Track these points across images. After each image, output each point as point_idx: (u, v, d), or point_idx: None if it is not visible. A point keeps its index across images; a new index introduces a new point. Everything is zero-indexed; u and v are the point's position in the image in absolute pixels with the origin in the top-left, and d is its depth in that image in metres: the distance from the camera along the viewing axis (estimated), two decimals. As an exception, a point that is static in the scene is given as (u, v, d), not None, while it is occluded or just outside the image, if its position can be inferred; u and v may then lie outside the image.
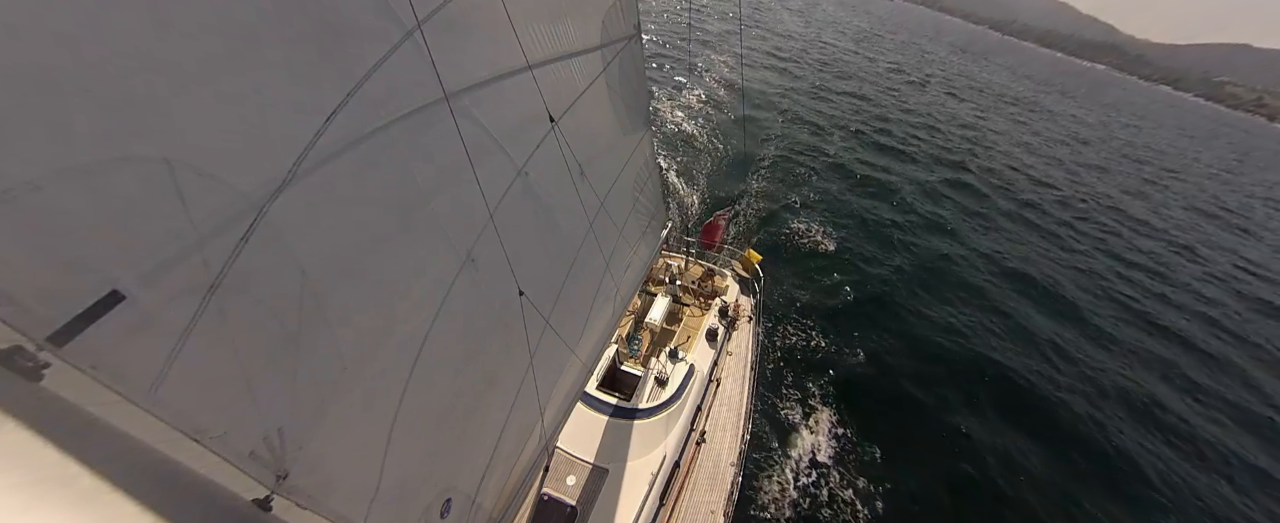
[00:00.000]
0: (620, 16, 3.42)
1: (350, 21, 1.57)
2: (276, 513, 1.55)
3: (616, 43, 3.45)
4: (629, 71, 3.75)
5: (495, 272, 2.48)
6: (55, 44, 0.94)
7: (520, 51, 2.39)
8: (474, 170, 2.18)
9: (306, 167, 1.47)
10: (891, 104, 36.10)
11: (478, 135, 2.23)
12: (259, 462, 1.48)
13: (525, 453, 3.31)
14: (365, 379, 1.89)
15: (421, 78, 1.88)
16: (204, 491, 1.36)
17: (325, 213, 1.61)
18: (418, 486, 2.31)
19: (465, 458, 2.67)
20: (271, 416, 1.49)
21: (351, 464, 1.91)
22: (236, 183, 1.29)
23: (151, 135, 1.11)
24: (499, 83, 2.33)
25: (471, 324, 2.41)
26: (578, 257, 3.39)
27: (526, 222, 2.72)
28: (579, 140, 3.09)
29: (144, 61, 1.07)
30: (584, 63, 3.06)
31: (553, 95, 2.72)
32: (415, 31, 1.79)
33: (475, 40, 2.16)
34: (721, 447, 6.28)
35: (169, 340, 1.18)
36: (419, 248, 2.01)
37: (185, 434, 1.24)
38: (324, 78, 1.51)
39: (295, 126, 1.45)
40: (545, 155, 2.74)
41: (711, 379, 6.98)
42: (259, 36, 1.31)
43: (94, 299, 1.04)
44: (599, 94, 3.35)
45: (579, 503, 4.90)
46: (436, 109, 1.98)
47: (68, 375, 1.02)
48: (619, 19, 3.41)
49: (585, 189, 3.32)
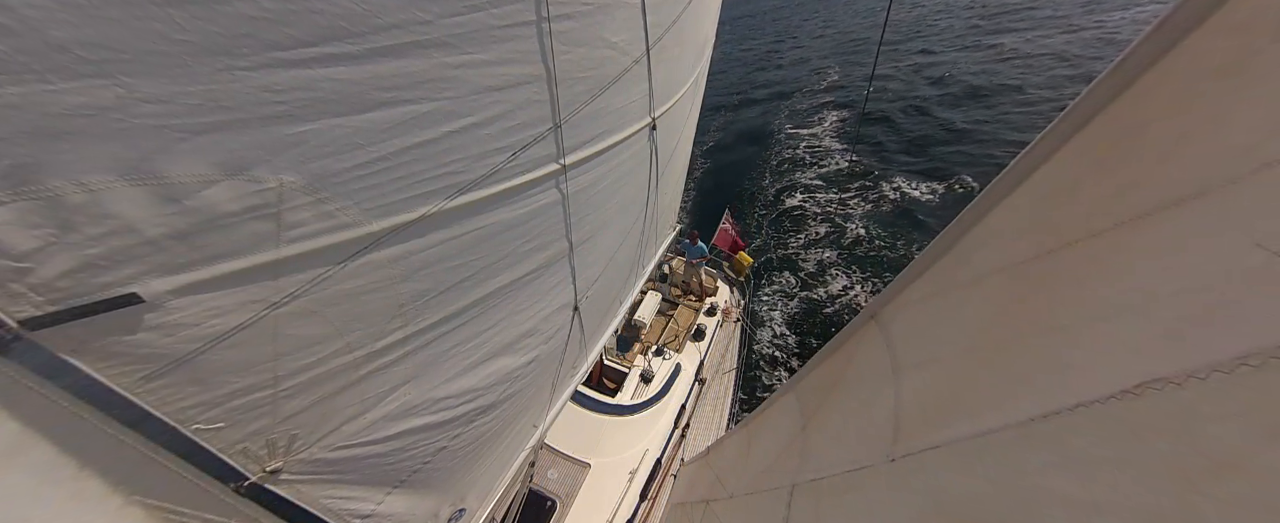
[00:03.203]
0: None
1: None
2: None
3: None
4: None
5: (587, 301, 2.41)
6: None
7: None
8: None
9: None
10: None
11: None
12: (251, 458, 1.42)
13: (522, 454, 3.31)
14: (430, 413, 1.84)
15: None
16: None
17: (441, 254, 1.52)
18: (434, 505, 2.29)
19: (481, 476, 2.65)
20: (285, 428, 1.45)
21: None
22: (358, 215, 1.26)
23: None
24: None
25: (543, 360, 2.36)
26: (631, 271, 3.36)
27: (604, 238, 2.65)
28: (664, 145, 2.99)
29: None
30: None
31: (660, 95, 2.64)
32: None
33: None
34: (704, 445, 6.36)
35: (190, 345, 1.13)
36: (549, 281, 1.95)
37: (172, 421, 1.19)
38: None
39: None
40: (630, 163, 2.61)
41: (697, 378, 7.04)
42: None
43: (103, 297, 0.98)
44: (687, 95, 3.31)
45: (559, 496, 4.93)
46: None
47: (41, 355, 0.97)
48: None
49: (652, 200, 3.23)
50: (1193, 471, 0.55)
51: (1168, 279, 0.63)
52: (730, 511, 2.41)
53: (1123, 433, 0.62)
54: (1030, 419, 0.76)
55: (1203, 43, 0.66)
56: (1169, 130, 0.68)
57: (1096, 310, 0.72)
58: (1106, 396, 0.64)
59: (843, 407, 1.57)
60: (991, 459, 0.84)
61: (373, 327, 1.49)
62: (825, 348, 1.81)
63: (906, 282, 1.33)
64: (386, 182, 1.28)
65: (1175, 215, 0.64)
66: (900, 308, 1.36)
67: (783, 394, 2.16)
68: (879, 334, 1.39)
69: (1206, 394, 0.54)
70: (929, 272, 1.24)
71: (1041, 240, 0.87)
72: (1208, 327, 0.56)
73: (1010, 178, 1.00)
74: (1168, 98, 0.70)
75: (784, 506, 1.67)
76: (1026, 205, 0.96)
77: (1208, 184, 0.60)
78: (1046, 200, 0.91)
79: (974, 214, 1.10)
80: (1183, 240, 0.62)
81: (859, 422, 1.38)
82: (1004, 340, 0.90)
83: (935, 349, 1.15)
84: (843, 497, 1.36)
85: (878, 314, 1.45)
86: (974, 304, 1.04)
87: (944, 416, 0.99)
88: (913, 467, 1.06)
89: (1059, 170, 0.88)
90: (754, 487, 2.14)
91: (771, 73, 27.82)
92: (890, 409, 1.18)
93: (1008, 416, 0.81)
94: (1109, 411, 0.64)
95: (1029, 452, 0.77)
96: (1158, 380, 0.58)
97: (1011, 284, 0.92)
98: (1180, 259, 0.62)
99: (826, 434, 1.63)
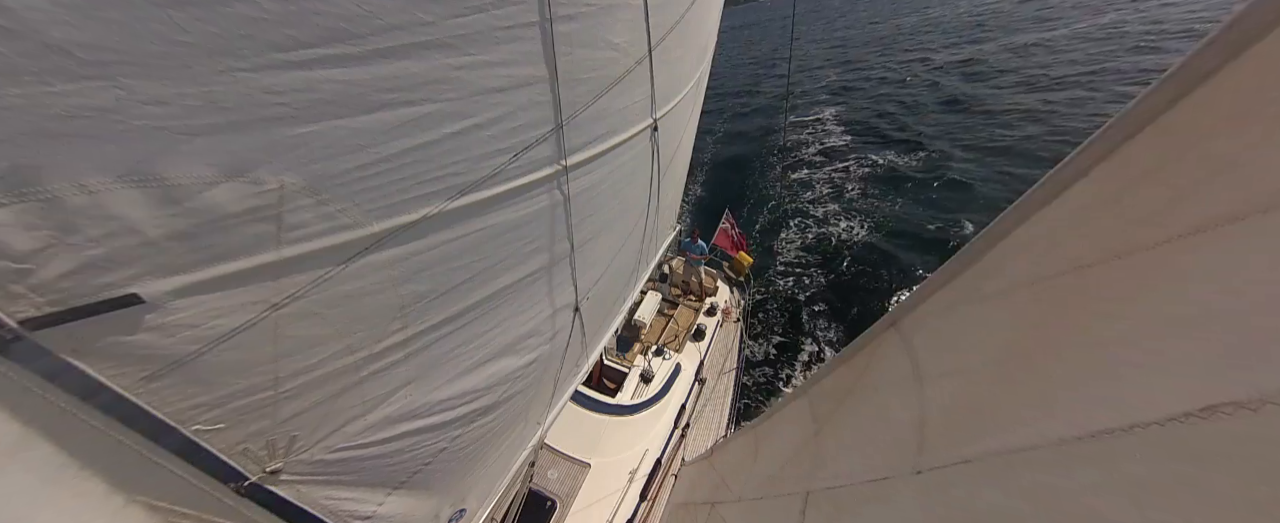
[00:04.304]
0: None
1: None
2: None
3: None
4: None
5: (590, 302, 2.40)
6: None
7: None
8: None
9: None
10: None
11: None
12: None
13: (522, 455, 3.31)
14: (429, 413, 1.82)
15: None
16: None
17: (442, 255, 1.51)
18: (435, 506, 2.28)
19: (481, 477, 2.64)
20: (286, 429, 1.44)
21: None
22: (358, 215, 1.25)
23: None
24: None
25: (543, 363, 2.33)
26: (632, 272, 3.34)
27: (607, 238, 2.62)
28: (666, 147, 2.97)
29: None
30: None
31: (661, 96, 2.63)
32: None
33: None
34: (705, 445, 6.35)
35: (190, 346, 1.13)
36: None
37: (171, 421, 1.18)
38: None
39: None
40: (632, 164, 2.58)
41: (697, 378, 7.04)
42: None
43: (103, 297, 0.98)
44: (689, 96, 3.29)
45: (559, 496, 4.93)
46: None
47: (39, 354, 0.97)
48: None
49: (653, 201, 3.21)
50: (1264, 500, 0.53)
51: (1231, 298, 0.61)
52: (738, 514, 2.39)
53: (1185, 457, 0.60)
54: (1075, 437, 0.73)
55: (1273, 49, 0.62)
56: (1230, 142, 0.66)
57: (1148, 327, 0.69)
58: (1166, 417, 0.62)
59: (859, 414, 1.55)
60: (1030, 477, 0.81)
61: (374, 328, 1.48)
62: (840, 354, 1.78)
63: (930, 290, 1.30)
64: (388, 183, 1.28)
65: (1237, 231, 0.61)
66: (924, 317, 1.33)
67: (794, 398, 2.14)
68: (900, 342, 1.36)
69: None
70: (955, 281, 1.20)
71: (1080, 253, 0.84)
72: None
73: (1047, 189, 0.96)
74: (1230, 107, 0.67)
75: (798, 512, 1.65)
76: (1064, 217, 0.93)
77: (1275, 199, 0.57)
78: (1087, 212, 0.88)
79: (1006, 225, 1.07)
80: (1247, 257, 0.59)
81: (878, 430, 1.36)
82: (1039, 354, 0.87)
83: (963, 359, 1.12)
84: (864, 507, 1.33)
85: (899, 322, 1.42)
86: (1005, 315, 1.01)
87: (974, 428, 0.96)
88: (943, 480, 1.03)
89: (1102, 181, 0.85)
90: (763, 491, 2.12)
91: (772, 82, 28.01)
92: (914, 419, 1.16)
93: (1045, 432, 0.78)
94: (1170, 433, 0.61)
95: (1073, 471, 0.74)
96: (1229, 404, 0.56)
97: (1047, 297, 0.89)
98: (1245, 276, 0.59)
99: (842, 441, 1.61)
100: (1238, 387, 0.56)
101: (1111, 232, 0.81)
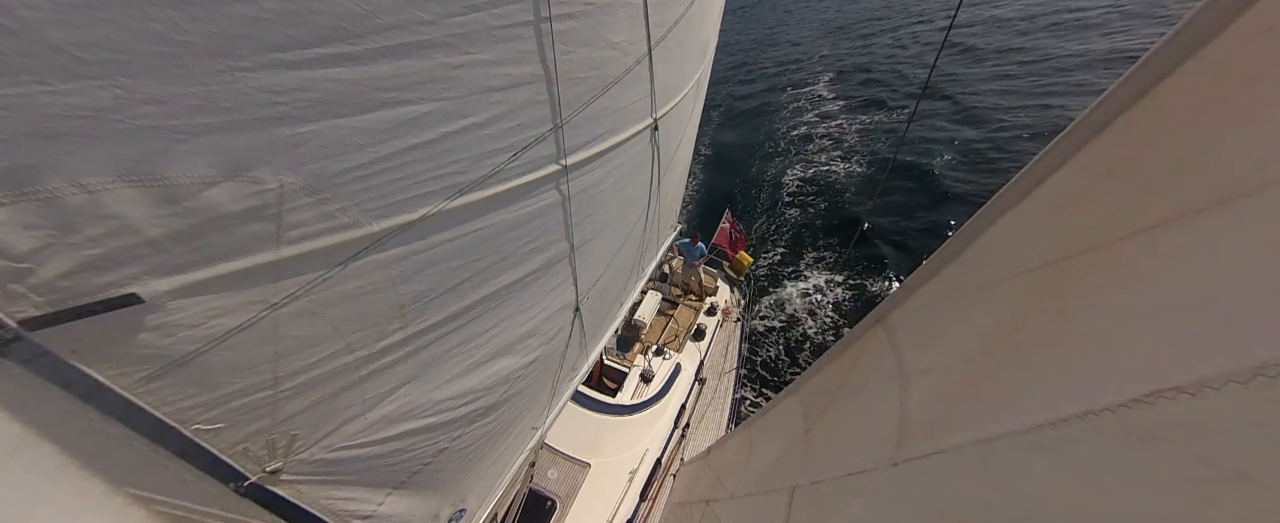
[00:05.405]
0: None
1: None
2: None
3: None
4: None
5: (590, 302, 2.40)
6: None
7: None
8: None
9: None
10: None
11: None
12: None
13: (522, 455, 3.31)
14: (428, 413, 1.83)
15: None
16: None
17: (442, 254, 1.51)
18: (435, 506, 2.29)
19: (481, 477, 2.64)
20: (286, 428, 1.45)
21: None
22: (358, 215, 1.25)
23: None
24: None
25: (543, 361, 2.33)
26: (632, 271, 3.34)
27: (607, 238, 2.62)
28: (666, 146, 2.96)
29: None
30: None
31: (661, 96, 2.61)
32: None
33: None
34: (704, 445, 6.35)
35: (190, 346, 1.13)
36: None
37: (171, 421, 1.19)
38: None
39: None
40: (632, 164, 2.58)
41: (697, 378, 7.03)
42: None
43: (102, 297, 0.98)
44: (690, 96, 3.28)
45: (559, 496, 4.93)
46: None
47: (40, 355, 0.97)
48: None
49: (653, 201, 3.20)
50: (1203, 480, 0.54)
51: (1182, 289, 0.62)
52: (730, 511, 2.40)
53: (1131, 441, 0.62)
54: (1036, 426, 0.75)
55: (1227, 48, 0.65)
56: (1187, 139, 0.67)
57: (1108, 319, 0.71)
58: (1116, 404, 0.64)
59: (847, 411, 1.56)
60: (996, 465, 0.83)
61: (373, 328, 1.48)
62: (830, 352, 1.80)
63: (913, 287, 1.32)
64: (387, 182, 1.28)
65: (1192, 225, 0.63)
66: (907, 314, 1.35)
67: (786, 396, 2.16)
68: (886, 339, 1.38)
69: (1220, 404, 0.53)
70: (936, 278, 1.23)
71: (1052, 248, 0.86)
72: (1223, 336, 0.56)
73: (1020, 185, 0.98)
74: (1188, 105, 0.69)
75: (784, 508, 1.66)
76: (1037, 213, 0.95)
77: (1227, 194, 0.59)
78: (1058, 208, 0.90)
79: (983, 221, 1.09)
80: (1199, 250, 0.61)
81: (863, 426, 1.37)
82: (1012, 348, 0.89)
83: (941, 355, 1.14)
84: (843, 500, 1.36)
85: (884, 319, 1.44)
86: (982, 311, 1.03)
87: (949, 422, 0.99)
88: (915, 472, 1.06)
89: (1071, 178, 0.87)
90: (755, 488, 2.13)
91: (769, 62, 27.96)
92: (896, 414, 1.18)
93: (1013, 422, 0.81)
94: (1118, 419, 0.63)
95: (1033, 458, 0.77)
96: (1171, 389, 0.58)
97: (1021, 292, 0.91)
98: (1196, 268, 0.61)
99: (829, 438, 1.62)
100: (1179, 372, 0.58)
101: (1080, 227, 0.83)
